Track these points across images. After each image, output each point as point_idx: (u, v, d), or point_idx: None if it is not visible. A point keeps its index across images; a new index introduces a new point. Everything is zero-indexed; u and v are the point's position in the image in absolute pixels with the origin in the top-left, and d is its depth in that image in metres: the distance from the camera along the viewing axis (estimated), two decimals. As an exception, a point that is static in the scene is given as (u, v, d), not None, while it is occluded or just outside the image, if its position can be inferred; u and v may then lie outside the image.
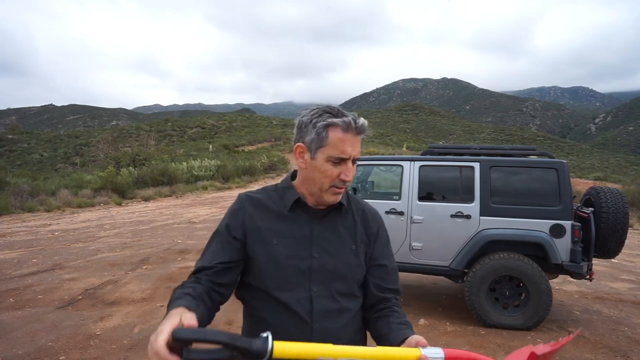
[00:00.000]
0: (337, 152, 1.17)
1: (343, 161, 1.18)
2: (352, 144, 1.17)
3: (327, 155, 1.17)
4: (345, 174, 1.19)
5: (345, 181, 1.20)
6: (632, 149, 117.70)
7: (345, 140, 1.16)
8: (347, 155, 1.17)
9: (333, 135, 1.16)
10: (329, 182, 1.20)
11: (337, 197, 1.23)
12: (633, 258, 8.59)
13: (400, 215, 4.83)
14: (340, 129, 1.16)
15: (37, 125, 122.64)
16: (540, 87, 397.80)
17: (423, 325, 4.56)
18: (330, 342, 1.19)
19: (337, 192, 1.22)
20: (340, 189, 1.21)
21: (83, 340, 3.98)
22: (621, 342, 4.21)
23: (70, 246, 7.92)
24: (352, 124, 1.16)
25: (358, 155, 1.21)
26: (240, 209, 1.27)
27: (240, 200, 1.30)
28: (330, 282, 1.23)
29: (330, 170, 1.18)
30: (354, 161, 1.21)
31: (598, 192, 4.65)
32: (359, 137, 1.20)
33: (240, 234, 1.24)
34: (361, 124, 1.18)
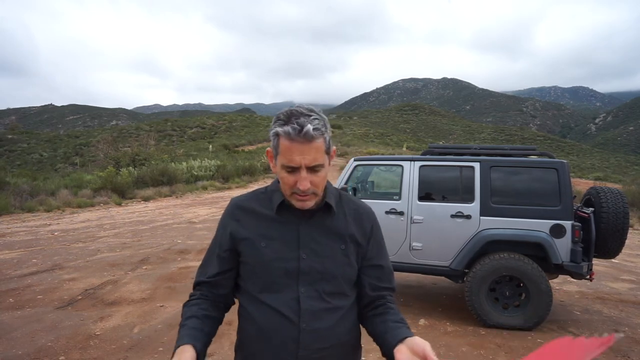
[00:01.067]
0: (286, 160, 1.14)
1: (296, 170, 1.15)
2: (302, 152, 1.12)
3: (281, 164, 1.16)
4: (301, 183, 1.14)
5: (304, 190, 1.15)
6: (633, 148, 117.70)
7: (292, 148, 1.12)
8: (295, 164, 1.13)
9: (282, 143, 1.14)
10: (288, 189, 1.18)
11: (303, 204, 1.19)
12: (633, 258, 8.59)
13: (400, 215, 4.82)
14: (286, 138, 1.12)
15: (37, 125, 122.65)
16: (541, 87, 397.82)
17: (423, 325, 4.55)
18: (319, 343, 1.20)
19: (301, 199, 1.18)
20: (304, 197, 1.17)
21: (83, 340, 3.98)
22: (621, 342, 4.20)
23: (70, 246, 7.92)
24: (293, 132, 1.10)
25: (315, 162, 1.14)
26: (228, 218, 1.31)
27: (230, 207, 1.33)
28: (318, 282, 1.22)
29: (287, 178, 1.17)
30: (315, 169, 1.15)
31: (598, 192, 4.64)
32: (312, 144, 1.12)
33: (229, 245, 1.28)
34: (304, 131, 1.09)
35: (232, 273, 1.30)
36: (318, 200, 1.26)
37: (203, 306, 1.26)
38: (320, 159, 1.15)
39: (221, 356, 3.73)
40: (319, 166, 1.16)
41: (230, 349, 3.83)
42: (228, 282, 1.31)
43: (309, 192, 1.17)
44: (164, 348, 3.87)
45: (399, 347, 1.09)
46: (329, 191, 1.29)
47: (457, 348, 4.00)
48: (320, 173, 1.17)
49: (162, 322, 4.48)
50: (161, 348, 3.87)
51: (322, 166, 1.17)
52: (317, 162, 1.14)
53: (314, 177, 1.16)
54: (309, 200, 1.19)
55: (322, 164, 1.16)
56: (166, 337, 4.11)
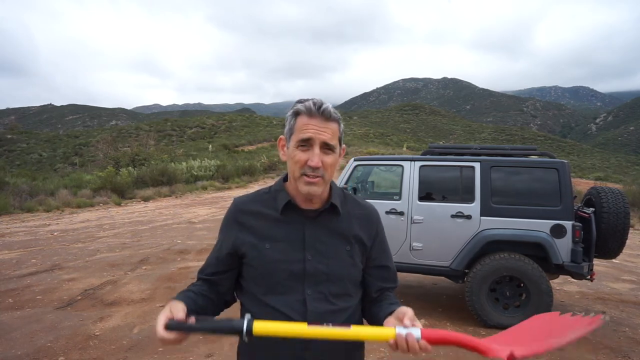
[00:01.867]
0: (301, 133, 1.18)
1: (309, 145, 1.18)
2: (318, 128, 1.18)
3: (295, 141, 1.20)
4: (312, 159, 1.17)
5: (314, 168, 1.17)
6: (633, 148, 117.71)
7: (309, 124, 1.18)
8: (308, 136, 1.17)
9: (300, 121, 1.20)
10: (299, 169, 1.19)
11: (310, 188, 1.19)
12: (634, 258, 8.58)
13: (400, 216, 4.81)
14: (305, 114, 1.19)
15: (37, 125, 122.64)
16: (541, 87, 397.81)
17: (423, 325, 4.54)
18: (323, 344, 1.20)
19: (309, 182, 1.19)
20: (312, 179, 1.18)
21: (82, 340, 3.97)
22: (622, 343, 4.20)
23: (69, 246, 7.91)
24: (313, 107, 1.18)
25: (329, 141, 1.18)
26: (231, 220, 1.31)
27: (232, 209, 1.33)
28: (324, 284, 1.22)
29: (299, 155, 1.19)
30: (327, 148, 1.19)
31: (599, 192, 4.64)
32: (328, 124, 1.19)
33: (230, 249, 1.28)
34: (323, 107, 1.18)
35: (230, 274, 1.30)
36: (324, 200, 1.26)
37: (202, 287, 1.28)
38: (334, 141, 1.20)
39: (221, 356, 3.72)
40: (332, 147, 1.19)
41: (230, 349, 3.82)
42: (226, 282, 1.31)
43: (319, 173, 1.18)
44: (164, 348, 3.86)
45: (387, 319, 1.13)
46: (335, 192, 1.29)
47: (457, 348, 3.98)
48: (331, 156, 1.20)
49: (162, 322, 4.46)
50: (161, 348, 3.86)
51: (334, 150, 1.21)
52: (331, 141, 1.19)
53: (325, 158, 1.19)
54: (317, 184, 1.19)
55: (334, 146, 1.20)
56: (166, 337, 4.10)
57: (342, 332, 1.02)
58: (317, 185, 1.19)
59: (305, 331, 1.03)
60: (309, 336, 1.03)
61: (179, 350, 3.82)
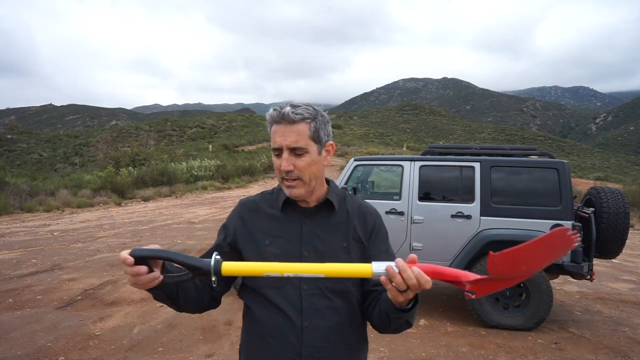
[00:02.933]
0: (272, 143, 1.23)
1: (280, 152, 1.22)
2: (283, 134, 1.20)
3: (272, 149, 1.25)
4: (282, 164, 1.21)
5: (286, 172, 1.21)
6: (633, 148, 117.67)
7: (276, 131, 1.22)
8: (277, 144, 1.21)
9: (272, 129, 1.24)
10: (279, 174, 1.24)
11: (291, 191, 1.23)
12: (634, 258, 8.58)
13: (400, 216, 4.81)
14: (273, 122, 1.23)
15: (37, 125, 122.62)
16: (541, 87, 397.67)
17: (423, 325, 4.55)
18: (321, 341, 1.19)
19: (289, 185, 1.23)
20: (290, 182, 1.22)
21: (82, 340, 3.97)
22: (622, 343, 4.20)
23: (69, 246, 7.91)
24: (274, 114, 1.21)
25: (295, 144, 1.19)
26: (235, 216, 1.35)
27: (238, 207, 1.37)
28: (321, 279, 1.21)
29: (276, 162, 1.24)
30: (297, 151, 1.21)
31: (599, 192, 4.64)
32: (293, 127, 1.20)
33: (231, 241, 1.31)
34: (283, 112, 1.19)
35: None
36: (320, 198, 1.29)
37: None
38: (302, 142, 1.20)
39: (221, 356, 3.73)
40: (300, 149, 1.21)
41: (230, 349, 3.82)
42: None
43: (294, 176, 1.21)
44: (164, 348, 3.87)
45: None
46: (332, 189, 1.32)
47: (457, 348, 3.99)
48: (303, 158, 1.21)
49: (162, 322, 4.47)
50: (161, 348, 3.86)
51: (306, 151, 1.21)
52: (297, 144, 1.20)
53: (297, 161, 1.21)
54: (296, 186, 1.23)
55: (304, 147, 1.21)
56: (166, 337, 4.10)
57: (316, 268, 1.00)
58: (297, 188, 1.23)
59: (278, 268, 1.01)
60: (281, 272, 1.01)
61: (179, 351, 3.83)
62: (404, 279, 1.00)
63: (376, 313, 1.23)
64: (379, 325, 1.25)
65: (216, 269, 1.01)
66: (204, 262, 1.02)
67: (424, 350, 3.93)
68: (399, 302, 1.06)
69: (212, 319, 4.56)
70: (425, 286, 1.00)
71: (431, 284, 1.00)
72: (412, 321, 1.17)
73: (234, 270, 1.03)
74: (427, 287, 1.00)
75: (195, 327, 4.37)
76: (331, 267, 1.01)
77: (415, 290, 1.01)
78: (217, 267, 1.01)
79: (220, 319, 4.57)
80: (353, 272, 1.02)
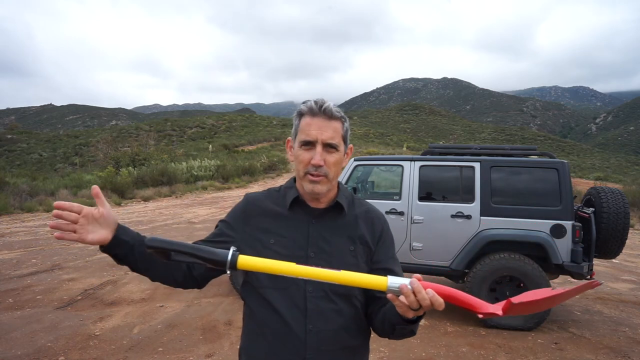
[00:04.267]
0: (304, 135, 1.22)
1: (312, 145, 1.21)
2: (320, 128, 1.20)
3: (299, 141, 1.23)
4: (315, 158, 1.20)
5: (317, 166, 1.20)
6: (633, 148, 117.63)
7: (312, 124, 1.21)
8: (312, 137, 1.20)
9: (303, 122, 1.24)
10: (303, 168, 1.23)
11: (314, 186, 1.22)
12: (634, 258, 8.57)
13: (400, 216, 4.81)
14: (308, 115, 1.23)
15: (37, 125, 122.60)
16: (541, 87, 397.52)
17: (423, 325, 4.55)
18: (325, 345, 1.18)
19: (313, 180, 1.22)
20: (316, 177, 1.21)
21: (82, 340, 3.97)
22: (622, 343, 4.20)
23: (69, 246, 7.91)
24: (315, 106, 1.21)
25: (331, 140, 1.21)
26: (239, 211, 1.33)
27: (243, 202, 1.35)
28: (326, 282, 1.22)
29: (303, 155, 1.22)
30: (330, 147, 1.21)
31: (599, 192, 4.64)
32: (330, 122, 1.22)
33: (231, 232, 1.29)
34: (325, 106, 1.21)
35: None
36: (330, 199, 1.28)
37: None
38: (337, 140, 1.22)
39: (221, 356, 3.73)
40: (334, 146, 1.21)
41: (230, 349, 3.82)
42: None
43: (322, 172, 1.20)
44: (164, 348, 3.86)
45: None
46: (342, 192, 1.31)
47: (457, 348, 3.99)
48: (334, 155, 1.22)
49: (162, 322, 4.47)
50: (161, 348, 3.86)
51: (337, 148, 1.22)
52: (333, 140, 1.21)
53: (328, 157, 1.21)
54: (321, 182, 1.22)
55: (337, 144, 1.22)
56: (166, 337, 4.10)
57: (331, 275, 1.00)
58: (321, 184, 1.22)
59: (293, 269, 1.01)
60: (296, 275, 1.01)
61: (179, 351, 3.83)
62: (418, 299, 0.99)
63: (379, 320, 1.22)
64: (380, 331, 1.24)
65: (232, 262, 1.01)
66: (219, 253, 1.02)
67: (424, 350, 3.93)
68: (407, 316, 1.05)
69: (212, 319, 4.56)
70: (438, 308, 0.99)
71: (444, 306, 0.99)
72: (416, 331, 1.16)
73: (249, 265, 1.02)
74: (440, 309, 0.99)
75: (195, 327, 4.37)
76: (346, 275, 1.01)
77: (427, 309, 1.01)
78: (234, 260, 1.01)
79: (220, 319, 4.57)
80: (367, 283, 1.02)
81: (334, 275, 1.00)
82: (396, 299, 1.01)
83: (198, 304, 4.99)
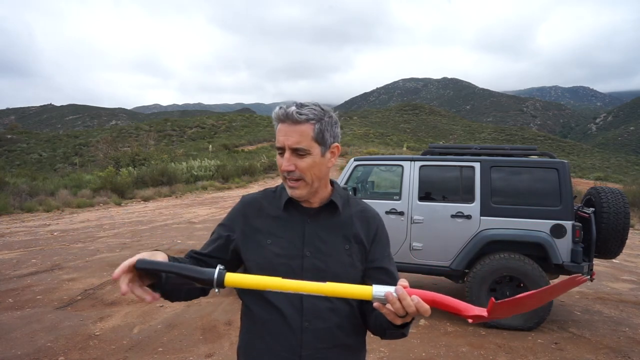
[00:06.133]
0: (276, 141, 1.23)
1: (284, 151, 1.22)
2: (286, 133, 1.20)
3: (276, 148, 1.25)
4: (283, 164, 1.21)
5: (287, 172, 1.21)
6: (633, 148, 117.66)
7: (280, 130, 1.22)
8: (280, 143, 1.21)
9: (277, 128, 1.24)
10: (281, 174, 1.25)
11: (293, 191, 1.23)
12: (634, 258, 8.58)
13: (400, 216, 4.81)
14: (278, 121, 1.23)
15: (37, 125, 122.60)
16: (541, 87, 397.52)
17: (423, 325, 4.55)
18: (321, 343, 1.19)
19: (291, 186, 1.23)
20: (293, 182, 1.22)
21: (82, 340, 3.97)
22: (622, 343, 4.20)
23: (69, 246, 7.91)
24: (279, 113, 1.20)
25: (297, 145, 1.19)
26: (237, 213, 1.34)
27: (239, 204, 1.36)
28: (321, 280, 1.21)
29: (279, 161, 1.24)
30: (299, 151, 1.20)
31: (599, 192, 4.64)
32: (296, 127, 1.19)
33: (230, 233, 1.30)
34: (288, 112, 1.18)
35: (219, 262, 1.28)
36: (324, 199, 1.29)
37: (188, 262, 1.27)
38: (304, 143, 1.20)
39: (221, 356, 3.73)
40: (302, 150, 1.20)
41: (230, 349, 3.82)
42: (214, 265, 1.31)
43: (295, 176, 1.21)
44: (164, 348, 3.86)
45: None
46: (337, 191, 1.32)
47: (457, 348, 3.99)
48: (305, 158, 1.21)
49: (162, 322, 4.47)
50: (161, 348, 3.86)
51: (308, 152, 1.20)
52: (299, 145, 1.19)
53: (299, 162, 1.21)
54: (299, 187, 1.22)
55: (305, 148, 1.20)
56: (166, 337, 4.10)
57: (317, 287, 1.02)
58: (299, 189, 1.23)
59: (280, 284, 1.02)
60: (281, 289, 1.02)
61: (179, 351, 3.83)
62: (404, 306, 0.99)
63: (372, 321, 1.23)
64: (373, 331, 1.26)
65: (219, 280, 1.03)
66: (206, 272, 1.04)
67: (424, 350, 3.93)
68: (395, 323, 1.05)
69: (212, 319, 4.56)
70: (424, 314, 0.99)
71: (430, 312, 1.00)
72: (407, 333, 1.18)
73: (236, 282, 1.04)
74: (426, 315, 1.00)
75: (195, 327, 4.37)
76: (331, 287, 1.02)
77: (413, 315, 1.01)
78: (220, 279, 1.03)
79: (220, 319, 4.57)
80: (352, 294, 1.03)
81: (319, 287, 1.02)
82: (383, 307, 1.01)
83: (198, 304, 4.99)
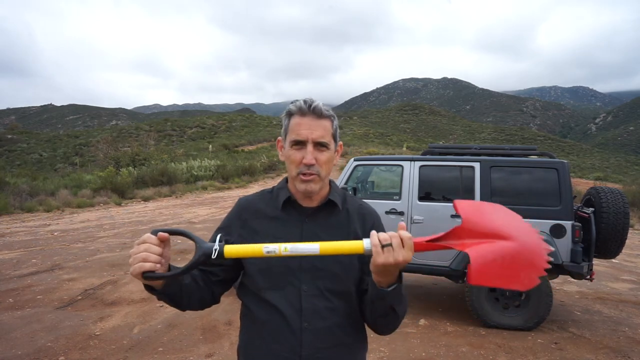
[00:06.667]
0: (294, 135, 1.22)
1: (303, 145, 1.21)
2: (310, 127, 1.21)
3: (290, 141, 1.23)
4: (306, 157, 1.20)
5: (308, 165, 1.21)
6: (633, 148, 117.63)
7: (302, 123, 1.22)
8: (302, 137, 1.21)
9: (293, 121, 1.24)
10: (295, 168, 1.23)
11: (307, 186, 1.23)
12: (633, 258, 8.58)
13: (400, 216, 4.82)
14: (297, 114, 1.23)
15: (37, 125, 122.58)
16: (541, 87, 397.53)
17: (423, 325, 4.55)
18: (320, 342, 1.19)
19: (305, 180, 1.22)
20: (308, 176, 1.22)
21: (82, 340, 3.97)
22: (622, 343, 4.20)
23: (69, 246, 7.91)
24: (304, 106, 1.22)
25: (322, 139, 1.21)
26: (234, 217, 1.34)
27: (236, 207, 1.36)
28: (320, 280, 1.23)
29: (294, 155, 1.23)
30: (321, 146, 1.22)
31: (598, 192, 4.64)
32: (320, 121, 1.22)
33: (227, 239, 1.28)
34: (314, 105, 1.21)
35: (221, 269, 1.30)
36: (323, 197, 1.29)
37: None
38: (327, 138, 1.22)
39: (221, 356, 3.73)
40: (325, 144, 1.22)
41: (230, 349, 3.82)
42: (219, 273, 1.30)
43: (314, 171, 1.21)
44: (164, 348, 3.87)
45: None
46: (334, 190, 1.33)
47: (457, 348, 3.99)
48: (325, 153, 1.23)
49: (162, 322, 4.47)
50: (161, 348, 3.86)
51: (328, 147, 1.23)
52: (323, 139, 1.21)
53: (319, 155, 1.22)
54: (313, 181, 1.22)
55: (328, 143, 1.22)
56: (166, 337, 4.11)
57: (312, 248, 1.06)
58: (314, 183, 1.23)
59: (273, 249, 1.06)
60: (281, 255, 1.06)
61: (179, 351, 3.83)
62: (390, 236, 1.04)
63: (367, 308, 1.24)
64: (370, 321, 1.25)
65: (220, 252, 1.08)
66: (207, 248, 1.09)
67: (424, 350, 3.93)
68: (381, 284, 1.09)
69: (212, 319, 4.56)
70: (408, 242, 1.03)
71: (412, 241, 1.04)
72: (397, 309, 1.17)
73: (234, 253, 1.08)
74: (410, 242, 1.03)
75: (195, 327, 4.37)
76: (325, 245, 1.07)
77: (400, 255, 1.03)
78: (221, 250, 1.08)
79: (220, 319, 4.57)
80: (346, 249, 1.07)
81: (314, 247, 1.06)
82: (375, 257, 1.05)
83: (198, 304, 4.99)
